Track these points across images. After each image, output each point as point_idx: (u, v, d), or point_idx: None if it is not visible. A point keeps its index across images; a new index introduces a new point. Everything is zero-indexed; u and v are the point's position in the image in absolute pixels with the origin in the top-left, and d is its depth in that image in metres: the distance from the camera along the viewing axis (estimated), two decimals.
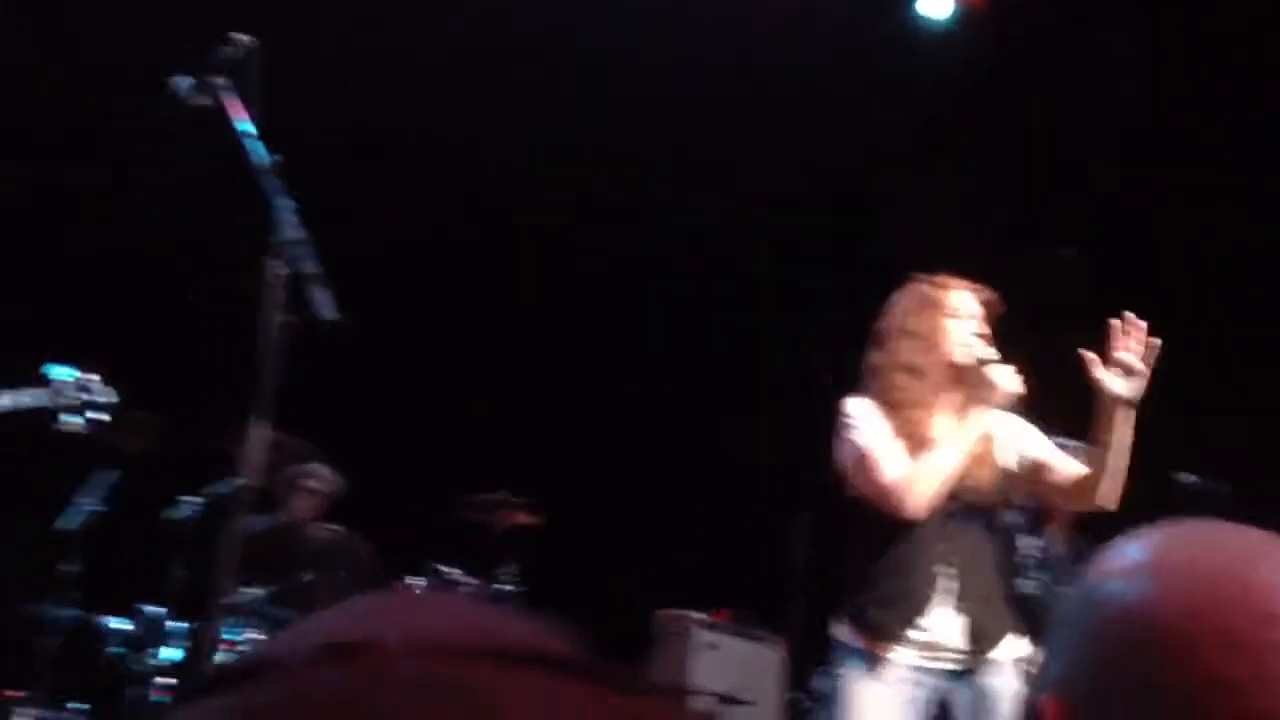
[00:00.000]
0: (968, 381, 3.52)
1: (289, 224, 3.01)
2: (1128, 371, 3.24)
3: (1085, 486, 3.44)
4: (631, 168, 7.00)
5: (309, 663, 0.48)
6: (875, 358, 3.64)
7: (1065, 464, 3.54)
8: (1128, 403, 3.28)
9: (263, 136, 3.07)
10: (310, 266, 3.01)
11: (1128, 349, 3.23)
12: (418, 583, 5.24)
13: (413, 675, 0.47)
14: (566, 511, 5.66)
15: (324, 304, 3.00)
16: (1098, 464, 3.38)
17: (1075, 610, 0.84)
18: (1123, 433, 3.31)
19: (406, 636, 0.48)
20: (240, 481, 3.23)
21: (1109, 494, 3.41)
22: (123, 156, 6.05)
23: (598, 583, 6.95)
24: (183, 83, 3.13)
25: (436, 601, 0.54)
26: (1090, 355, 3.26)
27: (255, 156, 3.07)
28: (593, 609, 6.75)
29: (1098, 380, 3.27)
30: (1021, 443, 3.59)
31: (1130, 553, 0.83)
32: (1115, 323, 3.23)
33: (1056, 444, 3.63)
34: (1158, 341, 3.20)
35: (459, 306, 7.12)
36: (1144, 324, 3.21)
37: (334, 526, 5.27)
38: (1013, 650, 3.53)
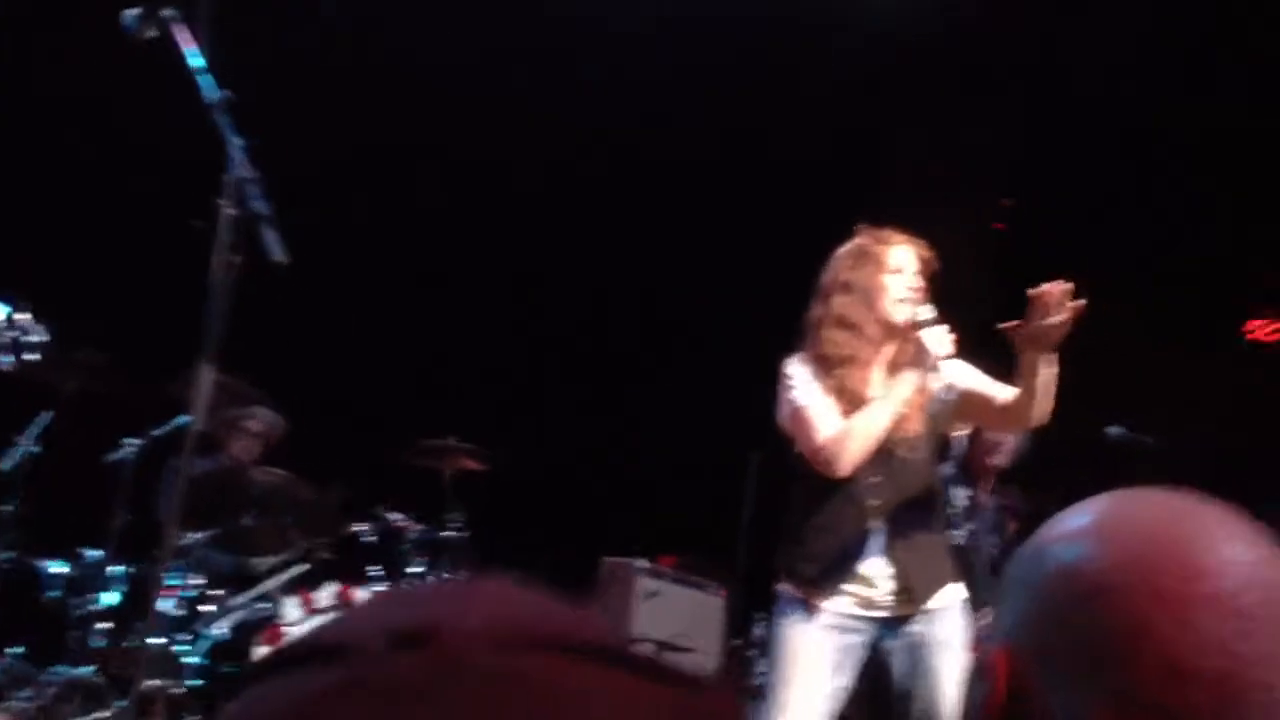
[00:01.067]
0: (906, 338, 3.57)
1: (239, 162, 2.96)
2: (1046, 334, 3.28)
3: (1017, 409, 3.49)
4: (575, 113, 6.97)
5: (379, 649, 0.48)
6: (815, 311, 3.68)
7: (996, 390, 3.58)
8: (1047, 355, 3.34)
9: (213, 71, 3.01)
10: (260, 206, 2.97)
11: (1045, 317, 3.26)
12: (366, 528, 5.24)
13: (485, 666, 0.47)
14: (513, 457, 5.65)
15: (273, 245, 2.96)
16: (1024, 401, 3.43)
17: (1024, 571, 0.88)
18: (1046, 373, 3.37)
19: (478, 625, 0.49)
20: (184, 424, 3.20)
21: (1041, 415, 3.48)
22: (69, 92, 5.92)
23: (544, 529, 6.97)
24: (130, 14, 3.06)
25: (503, 589, 0.54)
26: (1010, 326, 3.30)
27: (205, 91, 3.01)
28: (538, 555, 6.80)
29: (1020, 345, 3.33)
30: (953, 378, 3.64)
31: (1075, 518, 0.88)
32: (1033, 294, 3.26)
33: None
34: (1081, 302, 3.25)
35: (408, 250, 7.07)
36: (1066, 287, 3.24)
37: (277, 470, 5.23)
38: (946, 599, 3.62)
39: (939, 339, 3.49)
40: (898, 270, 3.61)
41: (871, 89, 6.82)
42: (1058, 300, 3.23)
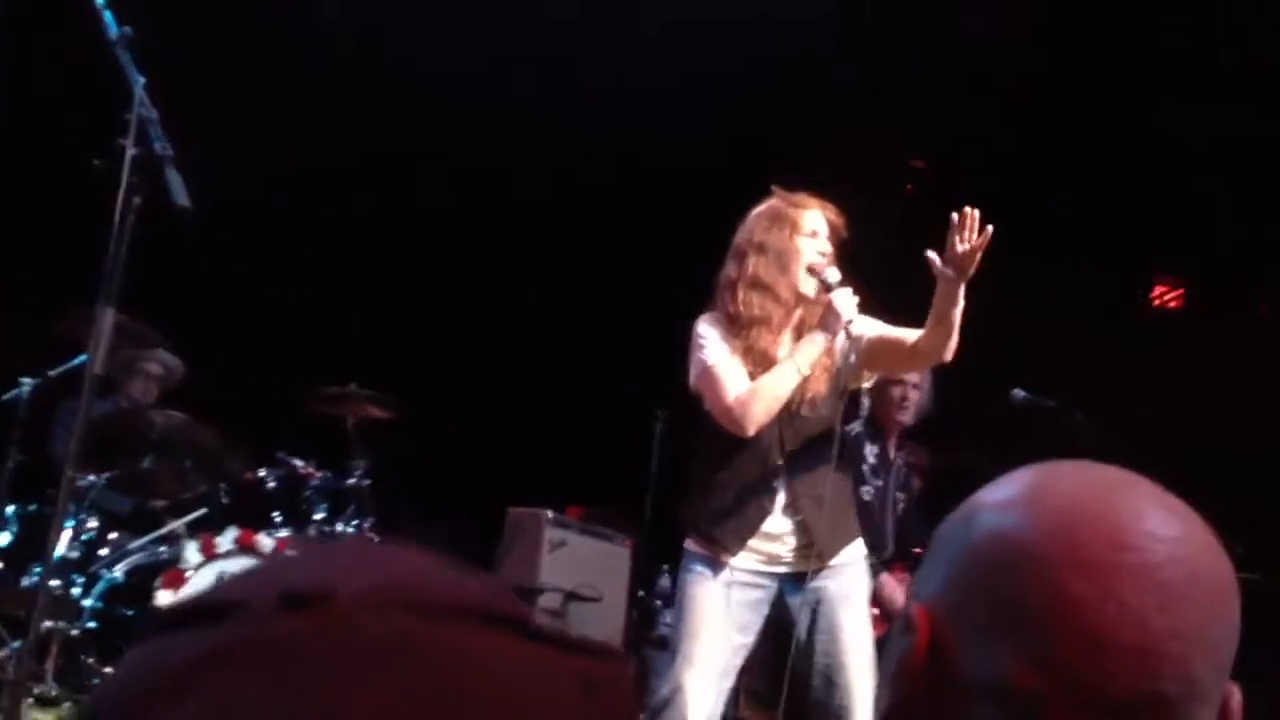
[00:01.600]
0: (815, 301, 3.63)
1: (142, 101, 2.88)
2: (962, 260, 3.35)
3: (930, 343, 3.55)
4: (496, 84, 6.91)
5: (270, 608, 0.48)
6: (728, 271, 3.71)
7: (900, 333, 3.66)
8: (960, 282, 3.40)
9: (113, 7, 2.92)
10: (163, 148, 2.89)
11: (963, 241, 3.33)
12: (268, 473, 5.18)
13: (374, 630, 0.47)
14: (419, 405, 5.61)
15: (177, 188, 2.88)
16: (938, 331, 3.50)
17: (952, 535, 0.89)
18: (957, 303, 3.44)
19: (367, 589, 0.48)
20: (82, 364, 3.13)
21: (949, 350, 3.55)
22: None
23: (450, 478, 6.95)
24: None
25: (403, 555, 0.53)
26: (931, 255, 3.37)
27: (106, 28, 2.92)
28: (444, 504, 6.78)
29: (938, 271, 3.38)
30: (862, 331, 3.67)
31: (1005, 486, 0.89)
32: (954, 216, 3.33)
33: None
34: (990, 228, 3.33)
35: (313, 193, 6.95)
36: (977, 214, 3.32)
37: (176, 413, 5.14)
38: (849, 555, 3.69)
39: (847, 302, 3.55)
40: (812, 234, 3.66)
41: (785, 48, 6.82)
42: (971, 225, 3.31)
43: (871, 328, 3.68)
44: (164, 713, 0.46)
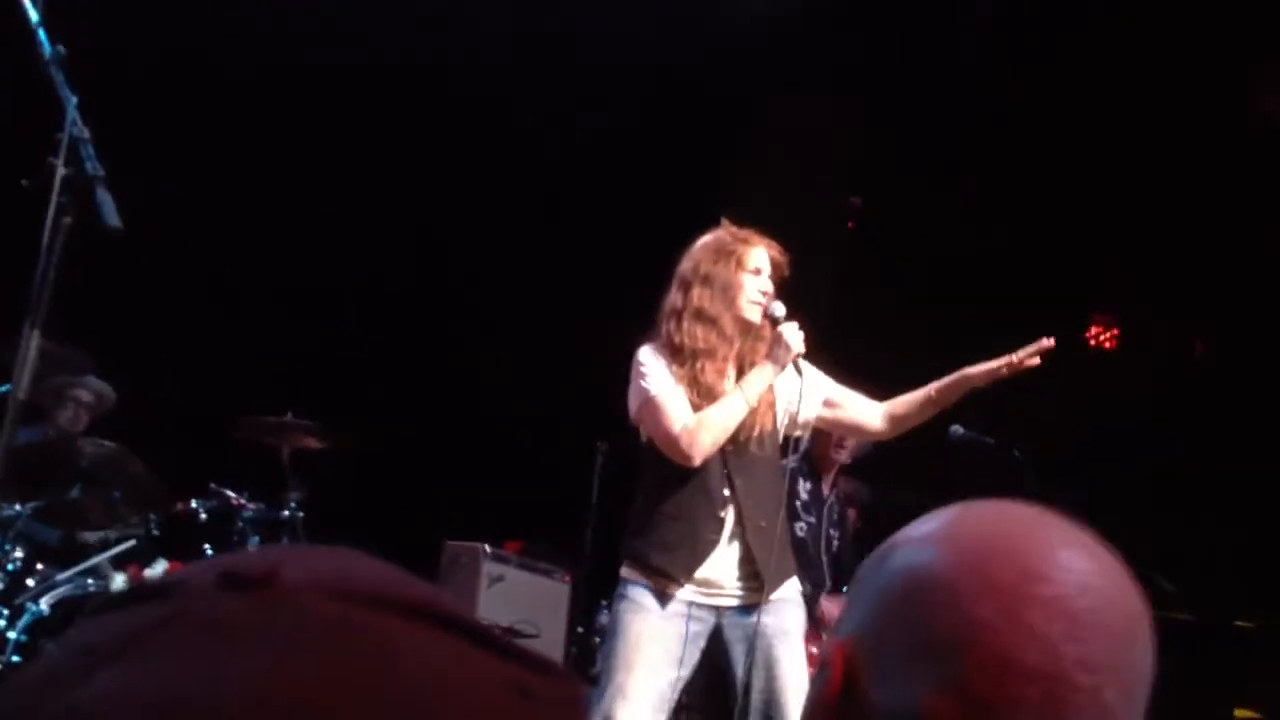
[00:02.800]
0: (756, 336, 3.67)
1: (73, 121, 2.83)
2: (1006, 373, 3.56)
3: (897, 420, 3.75)
4: (432, 109, 6.90)
5: (209, 588, 0.48)
6: (672, 301, 3.71)
7: (854, 401, 3.75)
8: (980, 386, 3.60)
9: (47, 26, 2.88)
10: (95, 168, 2.84)
11: (1025, 363, 3.53)
12: (199, 504, 5.09)
13: (315, 611, 0.47)
14: (354, 435, 5.55)
15: (108, 209, 2.84)
16: (925, 413, 3.70)
17: (870, 571, 0.90)
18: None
19: (313, 575, 0.49)
20: (4, 391, 3.05)
21: (898, 432, 3.76)
22: None
23: (386, 510, 6.87)
24: None
25: (345, 553, 0.54)
26: (1012, 359, 3.57)
27: (40, 47, 2.88)
28: (380, 536, 6.69)
29: (987, 366, 3.57)
30: (814, 389, 3.75)
31: (923, 524, 0.90)
32: (1044, 341, 3.53)
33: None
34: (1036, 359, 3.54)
35: (250, 218, 6.88)
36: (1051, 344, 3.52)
37: (106, 442, 5.04)
38: (788, 591, 3.69)
39: (795, 336, 3.57)
40: (755, 270, 3.69)
41: (725, 80, 6.88)
42: (1044, 351, 3.54)
43: (827, 388, 3.79)
44: (67, 690, 0.45)
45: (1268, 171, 6.85)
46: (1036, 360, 3.54)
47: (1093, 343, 8.53)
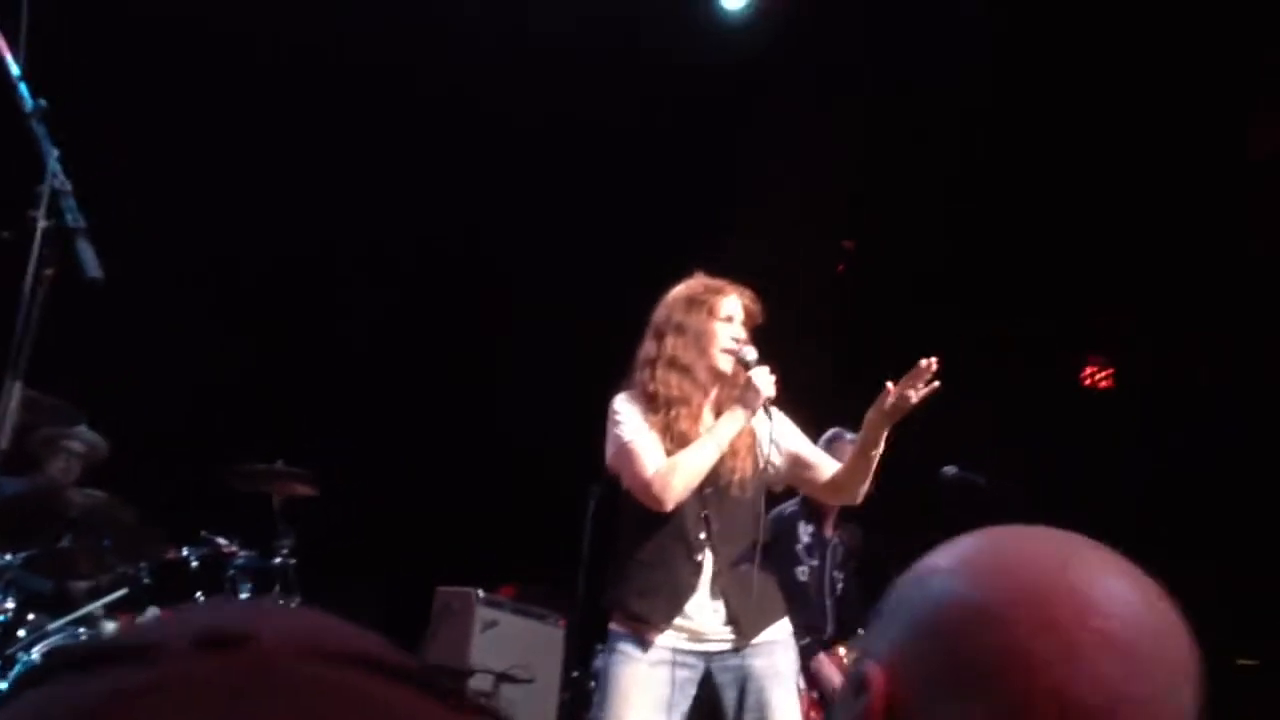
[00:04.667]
0: (731, 383, 3.69)
1: (55, 174, 2.86)
2: (905, 405, 3.45)
3: (838, 485, 3.75)
4: (405, 132, 6.93)
5: (189, 649, 0.47)
6: (647, 349, 3.74)
7: (821, 461, 3.79)
8: (890, 424, 3.52)
9: (29, 79, 2.90)
10: (76, 220, 2.86)
11: (916, 389, 3.41)
12: (190, 552, 5.09)
13: (297, 672, 0.46)
14: (345, 482, 5.55)
15: (89, 260, 2.85)
16: (862, 469, 3.65)
17: (908, 597, 0.89)
18: (880, 443, 3.57)
19: (290, 634, 0.48)
20: None
21: (860, 493, 3.75)
22: None
23: (378, 557, 6.86)
24: None
25: (312, 611, 0.53)
26: (889, 385, 3.45)
27: (20, 100, 2.90)
28: (372, 583, 6.67)
29: (880, 405, 3.47)
30: (782, 438, 3.76)
31: (959, 549, 0.89)
32: (922, 363, 3.40)
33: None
34: (937, 384, 3.42)
35: (233, 267, 6.91)
36: (935, 365, 3.39)
37: (95, 491, 5.05)
38: (775, 633, 3.67)
39: (765, 380, 3.59)
40: (728, 319, 3.72)
41: (716, 129, 6.92)
42: (925, 374, 3.39)
43: (796, 441, 3.79)
44: None
45: (1263, 208, 6.88)
46: (922, 385, 3.41)
47: (1087, 382, 8.54)
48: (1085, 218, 7.23)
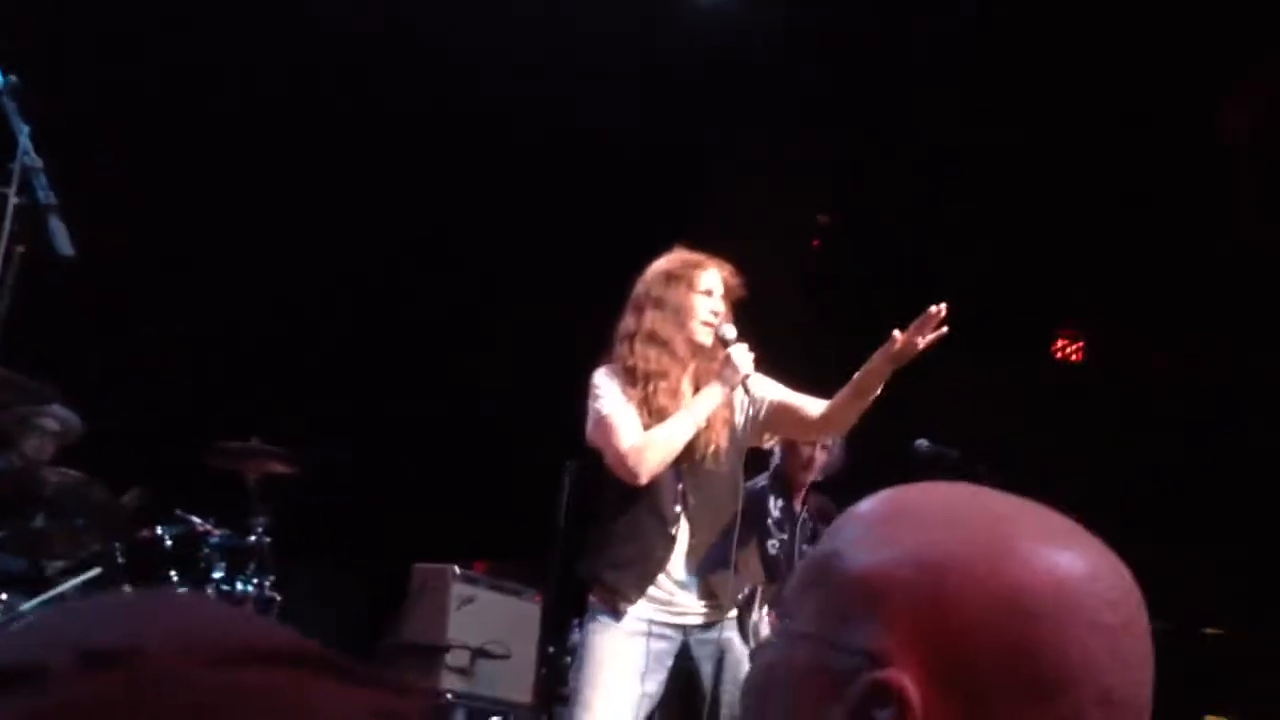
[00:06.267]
0: (710, 356, 3.70)
1: (26, 150, 2.84)
2: (911, 351, 3.44)
3: (829, 419, 3.70)
4: (395, 111, 6.90)
5: (72, 672, 0.45)
6: (626, 324, 3.76)
7: (805, 402, 3.76)
8: (894, 368, 3.51)
9: None
10: (48, 196, 2.85)
11: (923, 335, 3.42)
12: (165, 531, 5.07)
13: (190, 681, 0.45)
14: (321, 460, 5.54)
15: (61, 237, 2.84)
16: (855, 408, 3.61)
17: (909, 592, 0.79)
18: (882, 384, 3.56)
19: (169, 640, 0.46)
20: None
21: (849, 426, 3.74)
22: None
23: (353, 534, 6.85)
24: None
25: (191, 603, 0.53)
26: (895, 334, 3.43)
27: None
28: (348, 560, 6.66)
29: (886, 350, 3.45)
30: (763, 400, 3.76)
31: (953, 527, 0.81)
32: (931, 310, 3.40)
33: None
34: (944, 329, 3.43)
35: (211, 244, 6.86)
36: (944, 310, 3.40)
37: (70, 471, 5.02)
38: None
39: (744, 357, 3.60)
40: (707, 292, 3.73)
41: (691, 102, 6.91)
42: (935, 323, 3.39)
43: (774, 392, 3.77)
44: None
45: (1233, 185, 6.93)
46: (930, 331, 3.41)
47: (1059, 355, 8.59)
48: (1057, 188, 7.27)
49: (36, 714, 0.44)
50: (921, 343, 3.42)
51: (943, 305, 3.41)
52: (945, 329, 3.42)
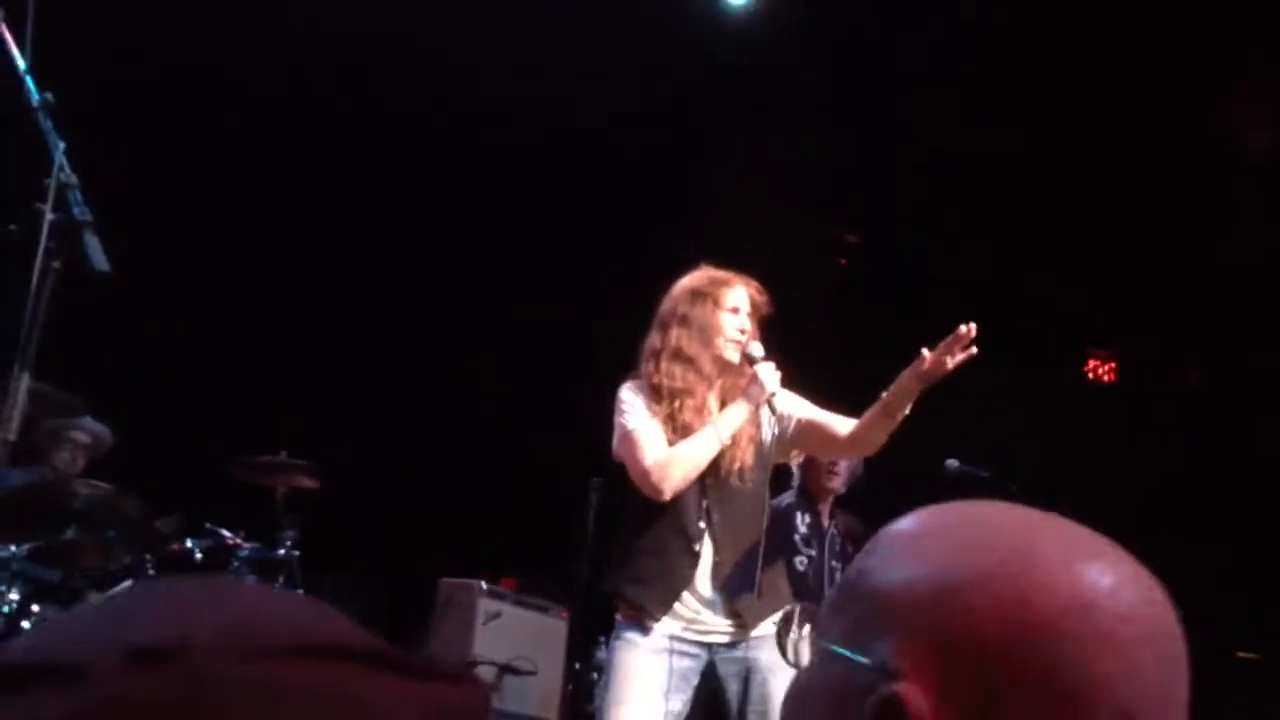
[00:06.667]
0: (736, 373, 3.69)
1: (61, 166, 2.86)
2: (940, 370, 3.41)
3: (857, 439, 3.67)
4: (416, 130, 6.93)
5: (117, 668, 0.44)
6: (652, 341, 3.75)
7: (833, 420, 3.74)
8: (923, 387, 3.47)
9: (35, 72, 2.91)
10: (83, 213, 2.87)
11: (953, 355, 3.39)
12: (195, 543, 5.09)
13: (237, 678, 0.44)
14: (349, 475, 5.56)
15: (95, 253, 2.86)
16: (883, 427, 3.58)
17: (916, 603, 0.80)
18: (910, 403, 3.52)
19: (218, 635, 0.45)
20: None
21: (876, 448, 3.68)
22: None
23: (381, 548, 6.86)
24: None
25: (239, 592, 0.51)
26: (925, 352, 3.41)
27: (28, 93, 2.91)
28: (375, 574, 6.67)
29: (915, 369, 3.42)
30: (789, 418, 3.74)
31: (978, 550, 0.81)
32: (961, 329, 3.37)
33: None
34: (974, 349, 3.39)
35: (240, 261, 6.91)
36: (974, 332, 3.37)
37: (100, 483, 5.06)
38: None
39: (770, 375, 3.59)
40: (733, 310, 3.72)
41: (714, 117, 6.90)
42: (965, 343, 3.36)
43: (802, 409, 3.75)
44: None
45: (1263, 201, 6.87)
46: (960, 351, 3.37)
47: (1091, 376, 8.53)
48: (1089, 207, 7.22)
49: (79, 712, 0.43)
50: (951, 363, 3.39)
51: (972, 325, 3.39)
52: (974, 349, 3.40)
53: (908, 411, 3.54)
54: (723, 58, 6.66)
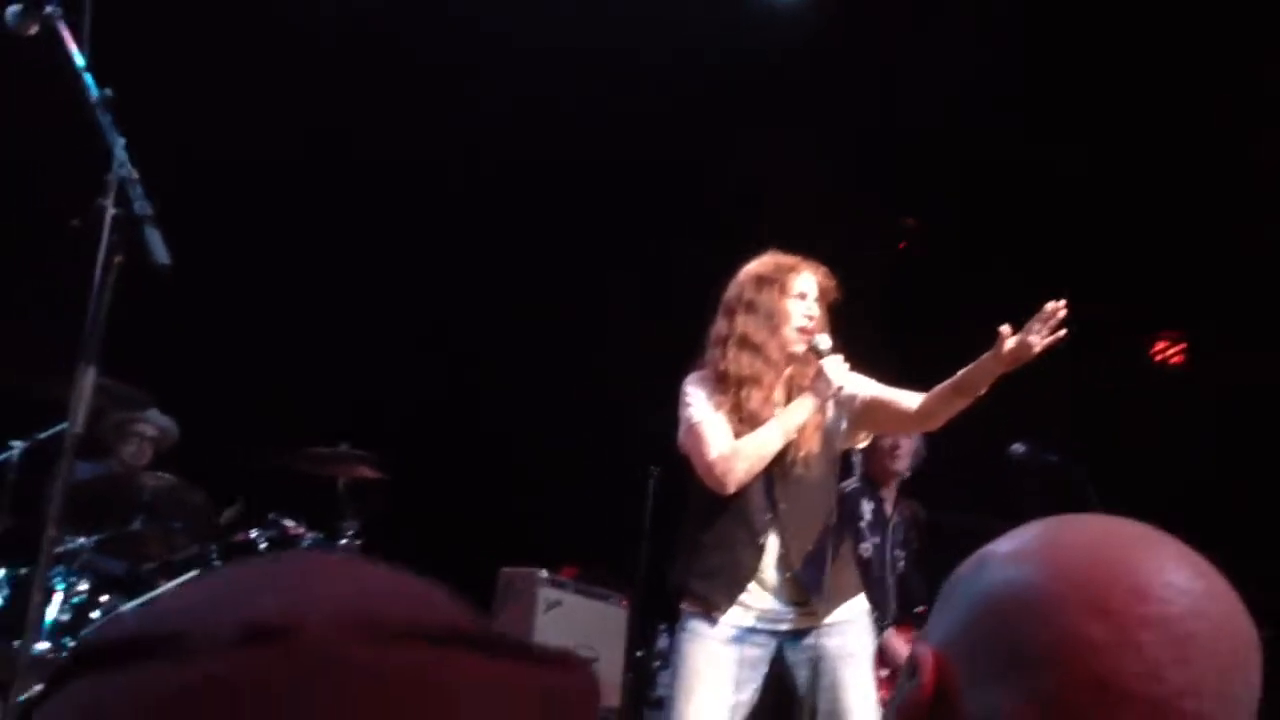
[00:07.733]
0: (804, 361, 3.65)
1: (121, 162, 2.89)
2: (1025, 351, 3.30)
3: (925, 414, 3.58)
4: (457, 125, 6.94)
5: (228, 644, 0.44)
6: (718, 328, 3.71)
7: (900, 396, 3.67)
8: (1006, 369, 3.37)
9: (94, 69, 2.94)
10: (143, 207, 2.89)
11: (1039, 334, 3.28)
12: (259, 534, 5.14)
13: (350, 660, 0.44)
14: (410, 464, 5.59)
15: (157, 246, 2.88)
16: (955, 405, 3.50)
17: (962, 584, 0.88)
18: (988, 383, 3.42)
19: (331, 616, 0.45)
20: (66, 427, 3.10)
21: (943, 422, 3.58)
22: None
23: (441, 538, 6.90)
24: (12, 11, 2.98)
25: (354, 571, 0.50)
26: (1004, 330, 3.30)
27: (87, 90, 2.93)
28: (435, 563, 6.71)
29: (999, 350, 3.31)
30: (854, 389, 3.66)
31: (1023, 535, 0.88)
32: (1049, 306, 3.27)
33: None
34: (1064, 331, 3.28)
35: (302, 252, 6.96)
36: (1063, 311, 3.26)
37: (166, 475, 5.13)
38: (848, 612, 3.64)
39: (838, 369, 3.53)
40: (800, 296, 3.66)
41: (774, 107, 6.85)
42: (1053, 321, 3.26)
43: (867, 387, 3.69)
44: None
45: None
46: (1047, 331, 3.26)
47: (1158, 359, 8.38)
48: (1155, 188, 7.09)
49: (190, 685, 0.43)
50: (1038, 344, 3.28)
51: (1061, 302, 3.28)
52: (1064, 332, 3.29)
53: (983, 392, 3.45)
54: (778, 45, 6.60)
